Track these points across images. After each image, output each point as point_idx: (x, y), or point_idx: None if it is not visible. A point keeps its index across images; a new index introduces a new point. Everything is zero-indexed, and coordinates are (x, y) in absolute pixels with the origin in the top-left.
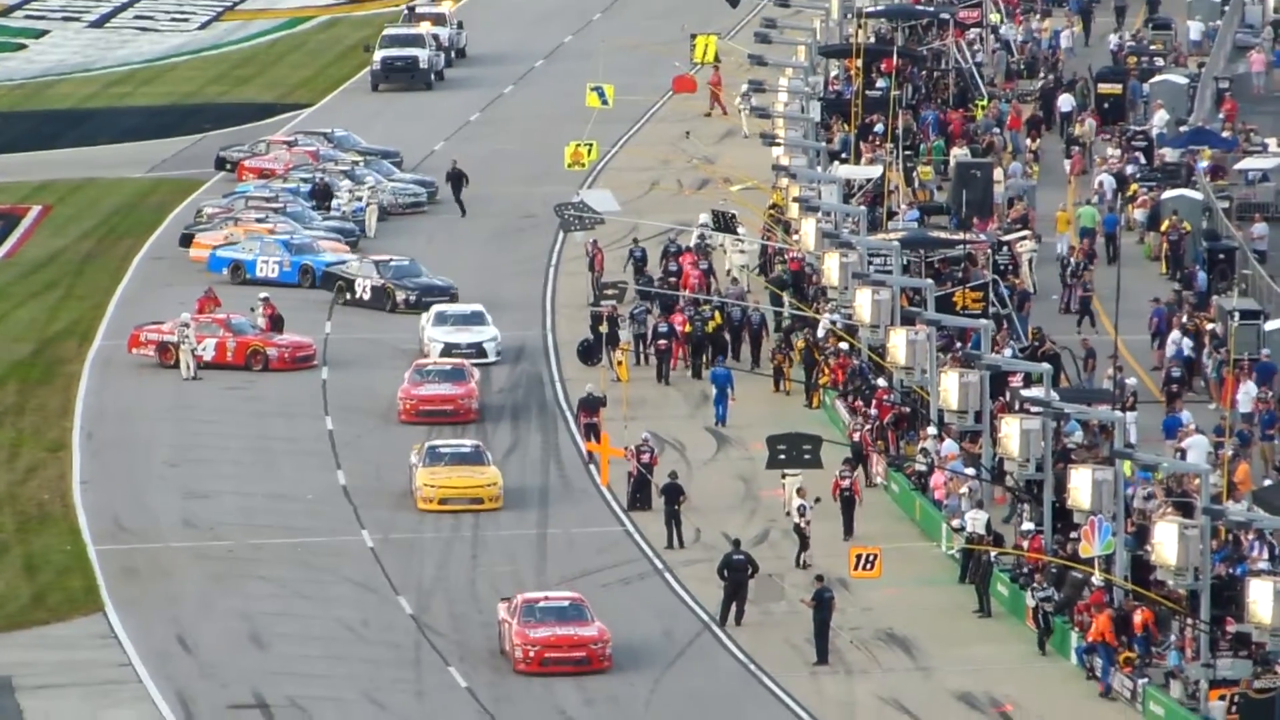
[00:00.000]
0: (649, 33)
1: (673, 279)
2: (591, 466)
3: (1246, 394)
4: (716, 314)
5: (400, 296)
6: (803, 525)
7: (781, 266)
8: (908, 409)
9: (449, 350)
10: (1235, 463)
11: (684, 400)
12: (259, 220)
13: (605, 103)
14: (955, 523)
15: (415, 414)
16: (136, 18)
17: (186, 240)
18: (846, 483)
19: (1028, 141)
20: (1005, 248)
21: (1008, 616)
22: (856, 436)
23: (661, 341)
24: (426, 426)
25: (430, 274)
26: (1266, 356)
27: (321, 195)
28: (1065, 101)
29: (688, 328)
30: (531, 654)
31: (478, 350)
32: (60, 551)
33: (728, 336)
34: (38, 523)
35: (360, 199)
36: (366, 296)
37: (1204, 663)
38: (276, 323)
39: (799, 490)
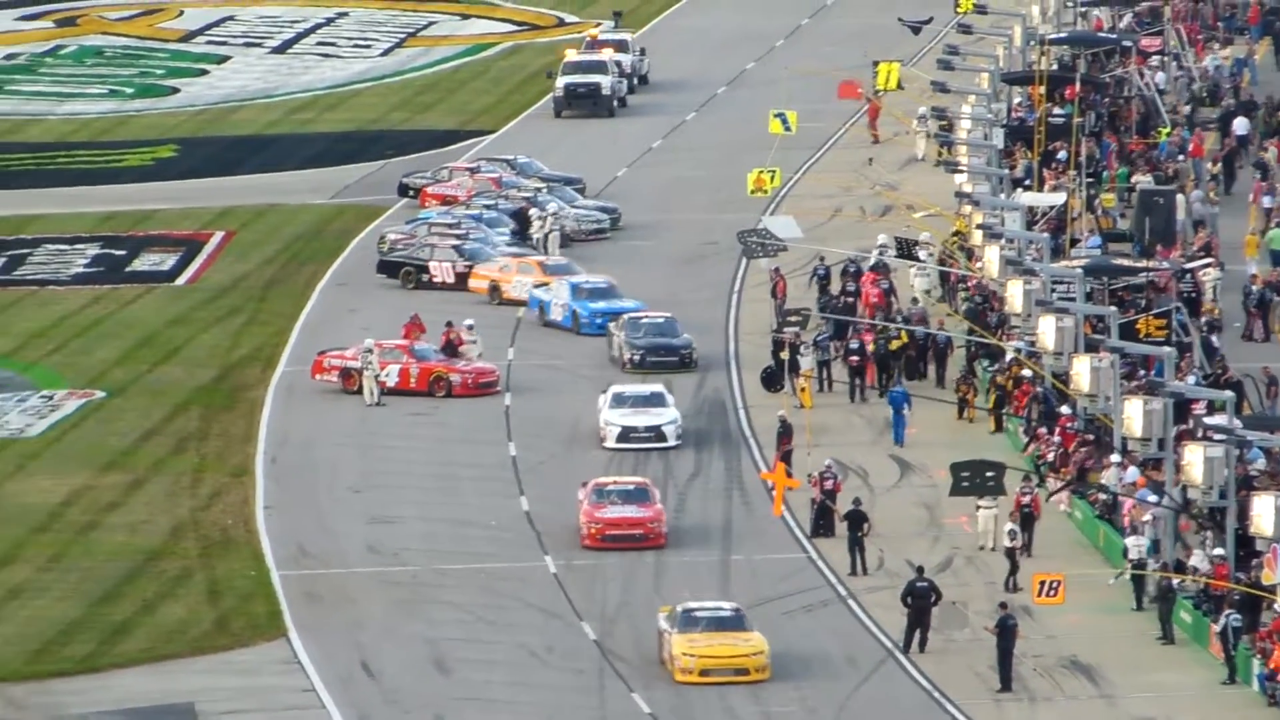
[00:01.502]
0: (831, 59)
1: (850, 298)
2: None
3: None
4: (901, 334)
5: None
6: (1016, 549)
7: (964, 294)
8: (1091, 436)
9: (626, 435)
10: None
11: (867, 426)
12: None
13: (788, 129)
14: (1131, 543)
15: (601, 539)
16: (319, 44)
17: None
18: (1027, 499)
19: (1209, 167)
20: (1189, 275)
21: (1190, 643)
22: (1051, 455)
23: (854, 358)
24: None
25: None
26: None
27: (523, 221)
28: (1241, 125)
29: (872, 346)
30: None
31: (656, 434)
32: (244, 577)
33: (913, 354)
34: (221, 548)
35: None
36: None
37: None
38: (452, 349)
39: (1011, 514)
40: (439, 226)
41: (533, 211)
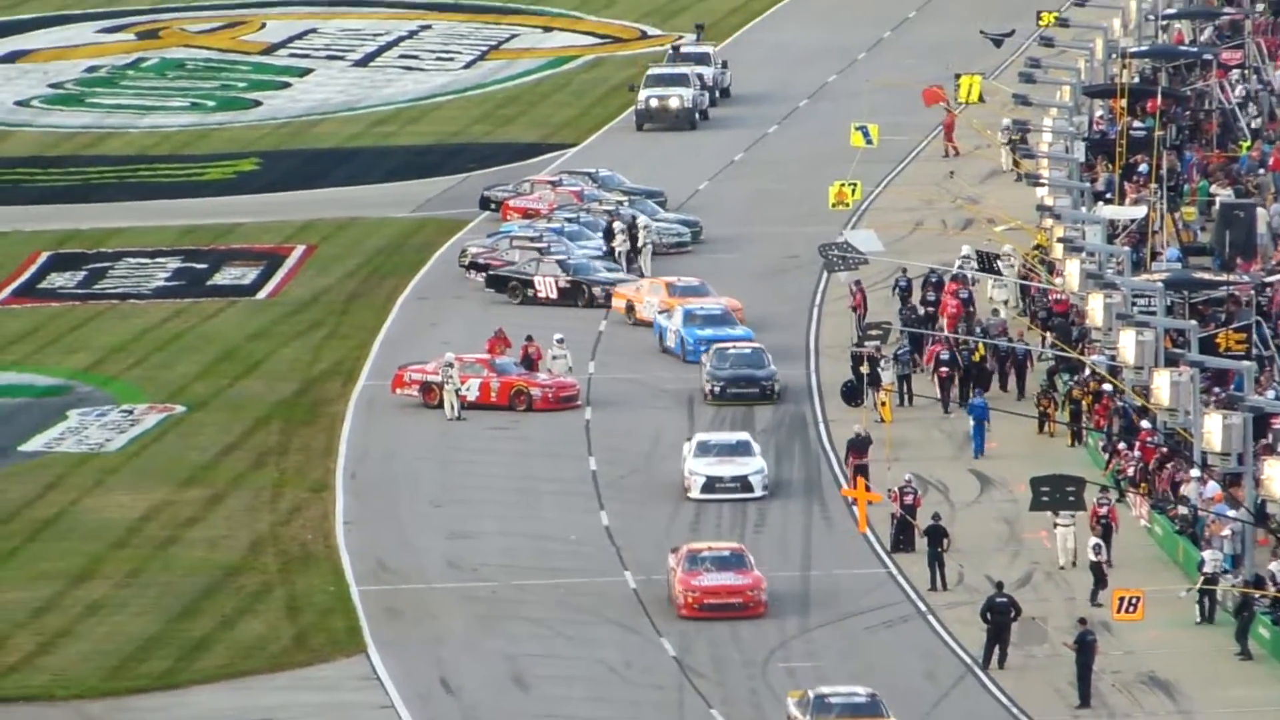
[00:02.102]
0: (913, 72)
1: (930, 308)
2: (854, 509)
3: None
4: (980, 345)
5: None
6: (1101, 563)
7: (1045, 309)
8: (1171, 450)
9: (711, 485)
10: None
11: (947, 441)
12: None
13: (870, 142)
14: (1209, 556)
15: (698, 608)
16: (401, 57)
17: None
18: (1104, 510)
19: None
20: (1268, 289)
21: (1269, 659)
22: (1131, 470)
23: (944, 369)
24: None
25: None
26: None
27: (610, 235)
28: None
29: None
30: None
31: (742, 484)
32: (323, 592)
33: (990, 367)
34: (301, 563)
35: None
36: (553, 295)
37: None
38: (529, 362)
39: (1091, 528)
40: (520, 240)
41: (616, 224)
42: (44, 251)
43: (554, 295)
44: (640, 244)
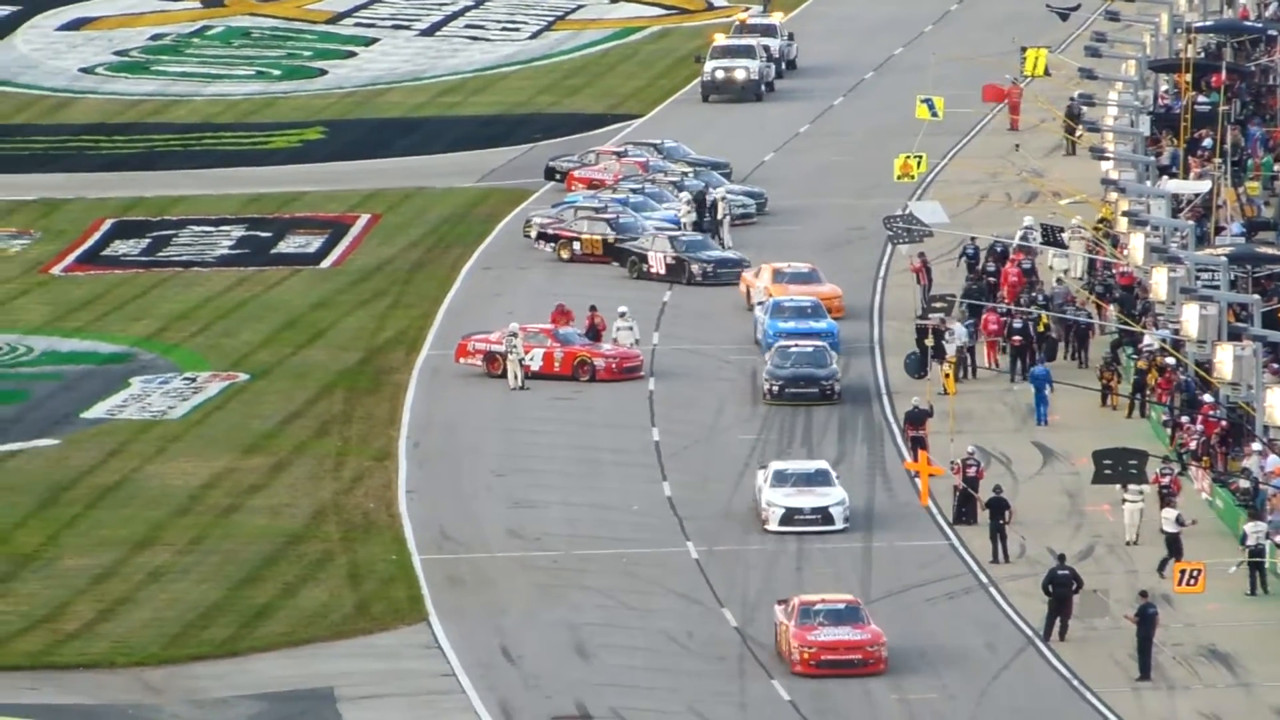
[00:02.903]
0: (979, 45)
1: (991, 278)
2: (916, 482)
3: None
4: (1043, 315)
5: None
6: (1179, 535)
7: (1111, 282)
8: (1233, 424)
9: (790, 517)
10: None
11: (1010, 413)
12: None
13: (935, 115)
14: (1250, 529)
15: (815, 665)
16: (467, 26)
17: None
18: (1166, 479)
19: None
20: None
21: None
22: (1193, 444)
23: (1016, 338)
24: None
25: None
26: None
27: (700, 205)
28: None
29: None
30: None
31: (823, 516)
32: (385, 561)
33: (1055, 336)
34: (363, 532)
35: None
36: (661, 271)
37: None
38: (594, 333)
39: (1172, 501)
40: (585, 210)
41: (683, 195)
42: (108, 219)
43: (663, 271)
44: (720, 215)
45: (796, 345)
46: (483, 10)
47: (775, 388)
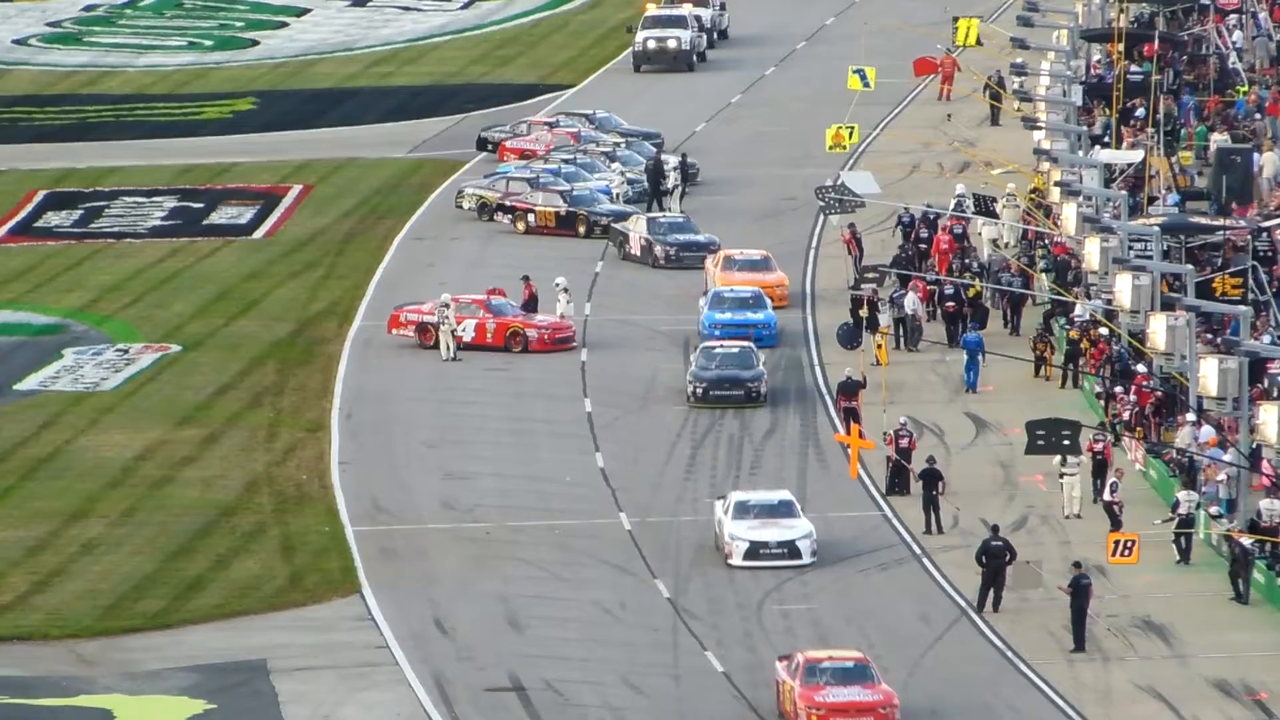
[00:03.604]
0: (911, 15)
1: (924, 245)
2: (848, 453)
3: None
4: (976, 281)
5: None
6: (1115, 503)
7: (1043, 252)
8: (1166, 395)
9: (756, 551)
10: None
11: (943, 384)
12: None
13: (867, 85)
14: (1213, 509)
15: None
16: None
17: None
18: (1099, 445)
19: None
20: (1265, 233)
21: (1265, 604)
22: (1127, 415)
23: (950, 304)
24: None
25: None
26: None
27: (656, 173)
28: None
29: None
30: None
31: (789, 550)
32: (318, 532)
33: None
34: (295, 503)
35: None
36: (637, 252)
37: None
38: (531, 304)
39: (1118, 470)
40: (517, 180)
41: (614, 165)
42: (40, 190)
43: (637, 252)
44: (671, 185)
45: (722, 346)
46: None
47: (699, 390)
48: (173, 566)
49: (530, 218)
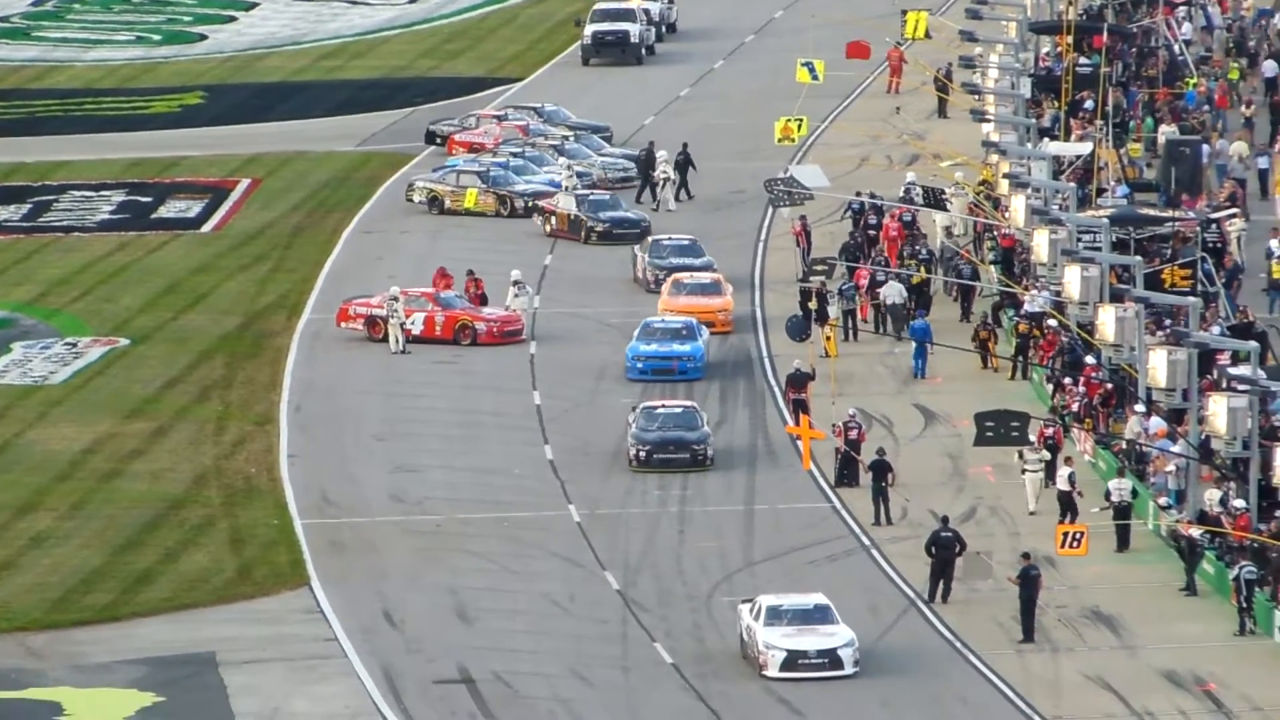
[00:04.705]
0: (859, 8)
1: (872, 232)
2: (798, 445)
3: None
4: (921, 268)
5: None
6: (1074, 495)
7: (991, 244)
8: (1115, 386)
9: (794, 661)
10: None
11: (891, 376)
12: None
13: (815, 78)
14: (1162, 500)
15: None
16: None
17: None
18: (1050, 431)
19: (1243, 110)
20: (1214, 225)
21: (1213, 595)
22: (1075, 406)
23: (878, 290)
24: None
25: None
26: None
27: (645, 165)
28: (1269, 67)
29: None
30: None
31: (831, 660)
32: (267, 525)
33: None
34: (244, 496)
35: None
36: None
37: None
38: (481, 300)
39: (1066, 459)
40: (467, 174)
41: (660, 153)
42: None
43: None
44: (659, 178)
45: (664, 406)
46: None
47: (642, 453)
48: (121, 559)
49: (554, 220)
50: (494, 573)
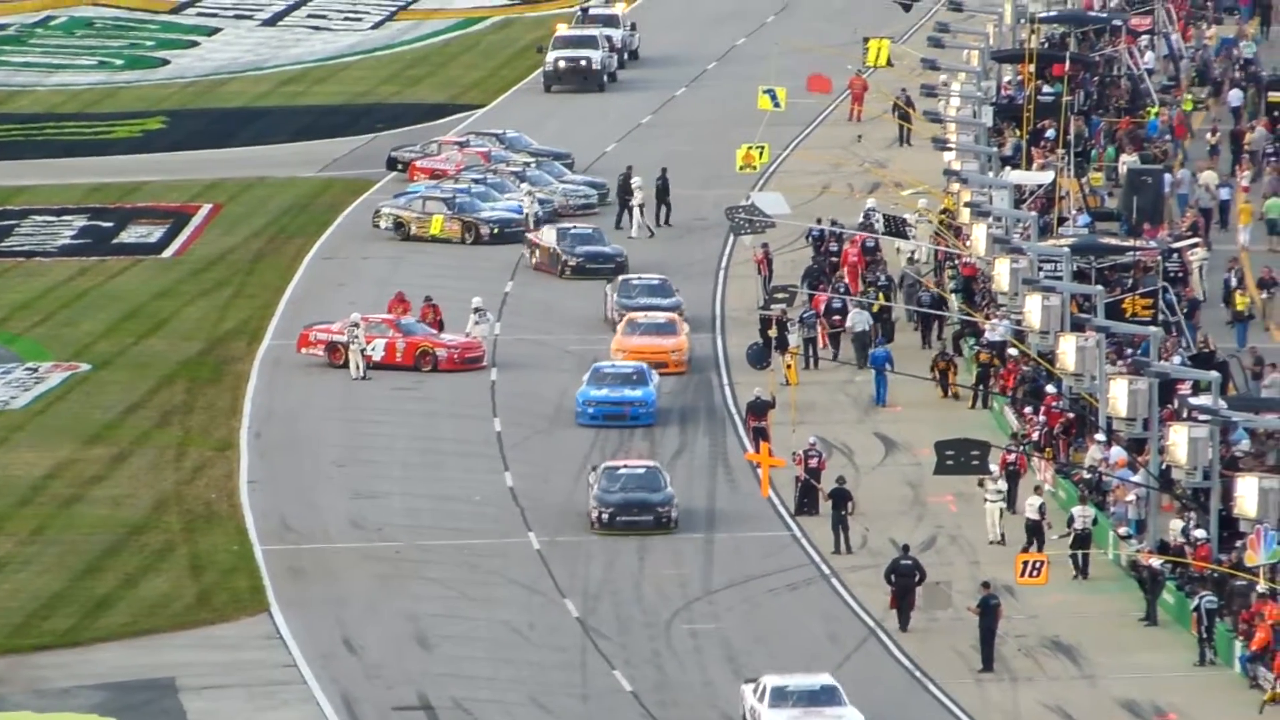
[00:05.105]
0: (822, 36)
1: (833, 258)
2: (758, 473)
3: None
4: (881, 295)
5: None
6: (1044, 525)
7: (952, 273)
8: (1076, 415)
9: None
10: None
11: (852, 404)
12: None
13: (777, 105)
14: (1123, 530)
15: None
16: (309, 16)
17: None
18: (1013, 457)
19: (1208, 138)
20: (1175, 255)
21: (1174, 625)
22: (1036, 435)
23: (839, 318)
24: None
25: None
26: None
27: (622, 190)
28: (1235, 97)
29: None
30: None
31: None
32: (227, 551)
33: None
34: (204, 522)
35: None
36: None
37: None
38: (439, 327)
39: (1036, 488)
40: (434, 200)
41: (635, 180)
42: None
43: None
44: (635, 202)
45: (626, 466)
46: (325, 1)
47: (605, 515)
48: (82, 585)
49: (537, 254)
50: (454, 600)
